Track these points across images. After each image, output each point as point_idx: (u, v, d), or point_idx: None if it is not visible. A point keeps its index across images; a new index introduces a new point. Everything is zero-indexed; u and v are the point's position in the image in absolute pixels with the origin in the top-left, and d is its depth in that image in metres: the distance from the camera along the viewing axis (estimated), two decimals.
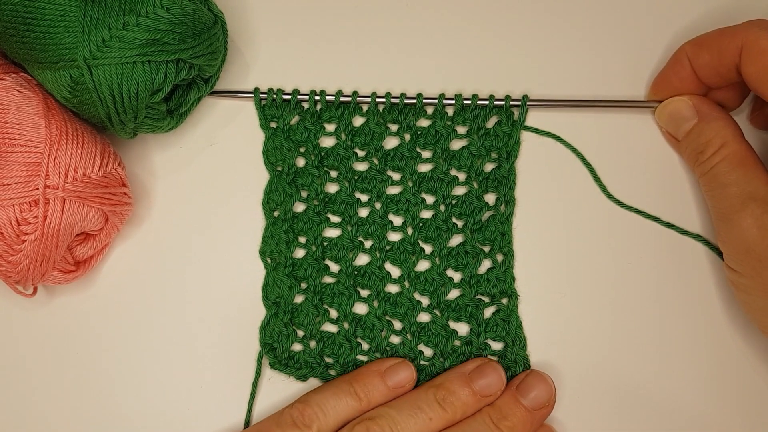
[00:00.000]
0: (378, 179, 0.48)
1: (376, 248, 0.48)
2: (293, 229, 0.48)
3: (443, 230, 0.48)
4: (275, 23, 0.52)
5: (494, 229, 0.48)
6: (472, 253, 0.48)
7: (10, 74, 0.44)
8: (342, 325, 0.47)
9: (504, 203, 0.48)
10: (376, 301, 0.48)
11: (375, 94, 0.48)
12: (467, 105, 0.48)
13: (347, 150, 0.48)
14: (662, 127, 0.49)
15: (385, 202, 0.48)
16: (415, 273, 0.48)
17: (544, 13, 0.52)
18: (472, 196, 0.48)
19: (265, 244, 0.48)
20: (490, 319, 0.47)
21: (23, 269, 0.43)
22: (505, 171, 0.48)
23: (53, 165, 0.42)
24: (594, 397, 0.47)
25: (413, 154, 0.49)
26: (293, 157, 0.48)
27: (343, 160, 0.48)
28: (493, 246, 0.48)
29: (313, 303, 0.47)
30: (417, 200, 0.48)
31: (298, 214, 0.48)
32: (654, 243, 0.49)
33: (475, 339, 0.47)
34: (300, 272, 0.48)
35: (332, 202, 0.48)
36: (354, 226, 0.48)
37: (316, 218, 0.48)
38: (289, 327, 0.47)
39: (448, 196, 0.48)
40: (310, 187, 0.48)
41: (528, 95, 0.48)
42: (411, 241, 0.48)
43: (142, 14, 0.41)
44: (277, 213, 0.48)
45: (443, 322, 0.47)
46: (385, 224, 0.48)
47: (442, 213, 0.48)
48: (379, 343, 0.47)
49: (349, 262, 0.48)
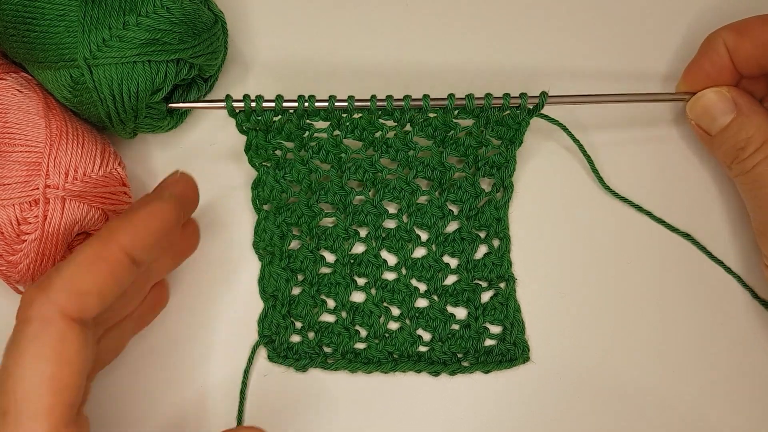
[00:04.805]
0: (372, 169, 0.47)
1: (372, 236, 0.48)
2: (286, 222, 0.47)
3: (439, 217, 0.47)
4: (275, 23, 0.52)
5: (490, 214, 0.47)
6: (468, 239, 0.47)
7: (11, 74, 0.44)
8: (340, 314, 0.47)
9: (501, 189, 0.47)
10: (373, 289, 0.48)
11: (375, 97, 0.44)
12: (479, 105, 0.44)
13: (338, 143, 0.46)
14: (692, 120, 0.46)
15: (380, 190, 0.47)
16: (411, 260, 0.48)
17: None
18: (468, 182, 0.47)
19: (258, 237, 0.47)
20: (488, 304, 0.47)
21: (23, 269, 0.43)
22: (505, 157, 0.47)
23: (53, 165, 0.42)
24: (592, 394, 0.47)
25: (411, 145, 0.46)
26: (282, 153, 0.46)
27: (334, 149, 0.46)
28: (489, 231, 0.48)
29: (311, 294, 0.47)
30: (412, 187, 0.47)
31: (290, 206, 0.47)
32: (653, 238, 0.49)
33: (473, 323, 0.47)
34: (296, 264, 0.47)
35: (325, 193, 0.47)
36: (349, 215, 0.47)
37: (309, 211, 0.47)
38: (287, 319, 0.47)
39: (445, 181, 0.47)
40: (301, 181, 0.47)
41: (546, 92, 0.45)
42: (407, 229, 0.48)
43: (142, 14, 0.41)
44: (267, 206, 0.47)
45: (441, 307, 0.47)
46: (381, 213, 0.47)
47: (437, 199, 0.47)
48: (377, 329, 0.47)
49: (345, 251, 0.47)
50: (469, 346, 0.47)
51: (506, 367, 0.46)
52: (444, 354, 0.47)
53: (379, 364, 0.46)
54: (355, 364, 0.46)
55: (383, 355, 0.47)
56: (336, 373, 0.47)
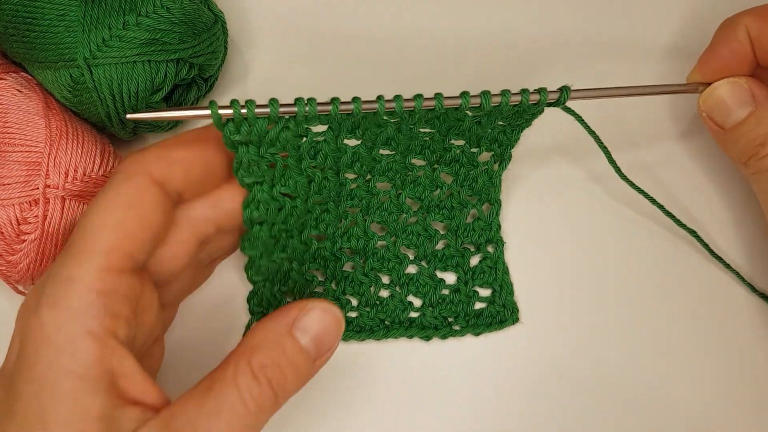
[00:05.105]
0: (369, 159, 0.44)
1: (363, 213, 0.46)
2: (280, 234, 0.42)
3: (431, 189, 0.47)
4: (275, 23, 0.52)
5: (483, 183, 0.47)
6: (458, 207, 0.47)
7: (10, 74, 0.44)
8: (330, 286, 0.47)
9: (499, 161, 0.46)
10: (362, 259, 0.47)
11: (382, 98, 0.39)
12: (495, 104, 0.40)
13: (339, 146, 0.43)
14: (704, 113, 0.42)
15: (375, 176, 0.46)
16: (401, 227, 0.47)
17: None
18: (466, 156, 0.45)
19: (250, 260, 0.42)
20: (477, 267, 0.48)
21: (23, 269, 0.43)
22: (510, 137, 0.44)
23: (53, 164, 0.42)
24: (594, 394, 0.47)
25: (413, 134, 0.43)
26: (278, 168, 0.40)
27: (333, 153, 0.43)
28: (480, 197, 0.47)
29: (301, 272, 0.45)
30: (408, 168, 0.45)
31: (285, 218, 0.42)
32: (660, 234, 0.49)
33: (463, 287, 0.47)
34: (286, 252, 0.44)
35: (319, 191, 0.44)
36: (343, 201, 0.46)
37: (303, 219, 0.44)
38: (279, 295, 0.45)
39: (444, 160, 0.46)
40: (299, 191, 0.42)
41: (569, 87, 0.41)
42: (399, 202, 0.47)
43: (142, 14, 0.41)
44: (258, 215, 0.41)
45: (430, 273, 0.47)
46: (375, 194, 0.46)
47: (430, 173, 0.46)
48: (368, 298, 0.47)
49: (338, 232, 0.46)
50: (460, 310, 0.47)
51: (496, 328, 0.47)
52: (435, 319, 0.47)
53: (371, 332, 0.47)
54: (348, 333, 0.47)
55: (375, 322, 0.47)
56: None
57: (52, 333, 0.31)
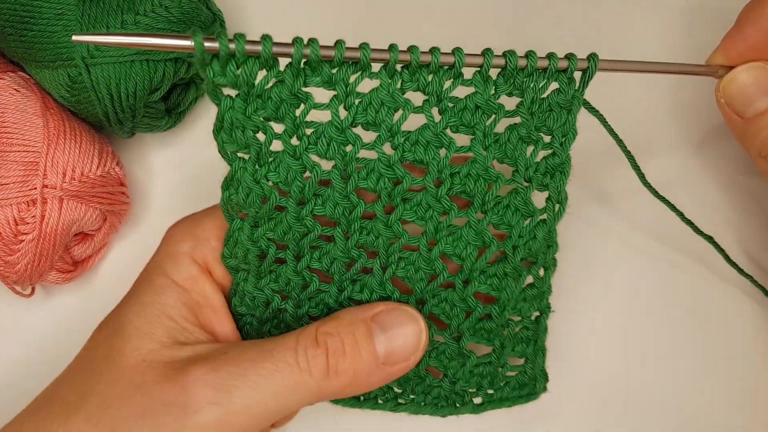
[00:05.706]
0: (389, 173, 0.34)
1: (382, 261, 0.37)
2: (266, 237, 0.36)
3: (475, 246, 0.37)
4: (274, 22, 0.52)
5: (541, 237, 0.36)
6: (512, 275, 0.38)
7: (8, 73, 0.44)
8: None
9: (558, 203, 0.36)
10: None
11: (395, 46, 0.32)
12: (521, 66, 0.33)
13: (344, 129, 0.33)
14: (723, 99, 0.39)
15: (399, 207, 0.35)
16: (430, 292, 0.38)
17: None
18: (519, 198, 0.36)
19: (228, 252, 0.36)
20: (516, 335, 0.40)
21: (21, 269, 0.42)
22: (560, 160, 0.35)
23: (51, 164, 0.42)
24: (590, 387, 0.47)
25: (442, 139, 0.34)
26: (266, 139, 0.33)
27: (339, 136, 0.33)
28: (537, 260, 0.38)
29: (297, 318, 0.38)
30: (444, 206, 0.35)
31: (274, 216, 0.35)
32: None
33: (495, 360, 0.40)
34: (280, 284, 0.37)
35: (322, 203, 0.35)
36: (354, 234, 0.36)
37: (299, 226, 0.35)
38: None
39: (488, 202, 0.36)
40: (290, 184, 0.34)
41: (596, 54, 0.34)
42: (430, 257, 0.37)
43: (140, 13, 0.41)
44: (242, 215, 0.35)
45: (460, 349, 0.39)
46: (397, 235, 0.36)
47: (476, 223, 0.36)
48: None
49: (345, 281, 0.37)
50: (485, 383, 0.40)
51: (524, 402, 0.41)
52: (455, 394, 0.40)
53: (375, 401, 0.42)
54: (355, 403, 0.42)
55: (381, 391, 0.41)
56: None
57: None
